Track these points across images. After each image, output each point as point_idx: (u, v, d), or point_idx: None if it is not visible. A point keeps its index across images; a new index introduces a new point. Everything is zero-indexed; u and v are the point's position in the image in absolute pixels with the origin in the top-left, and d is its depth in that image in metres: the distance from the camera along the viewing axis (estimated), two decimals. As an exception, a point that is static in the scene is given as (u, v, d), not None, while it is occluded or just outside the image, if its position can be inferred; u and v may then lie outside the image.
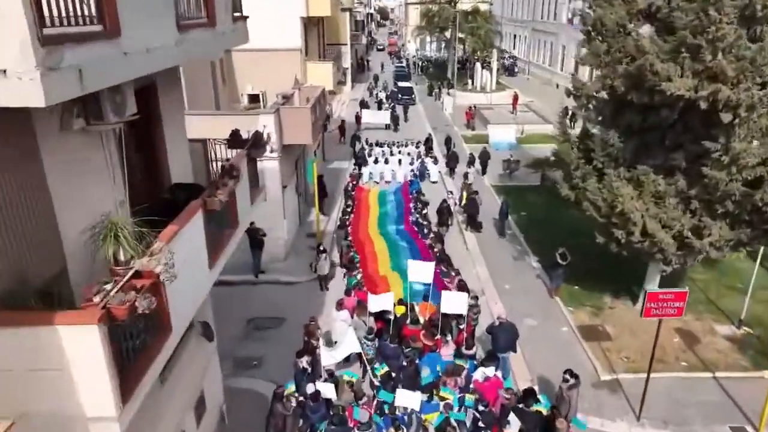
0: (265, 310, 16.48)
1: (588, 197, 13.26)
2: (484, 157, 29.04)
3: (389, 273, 16.95)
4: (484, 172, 29.02)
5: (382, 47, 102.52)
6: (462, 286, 15.20)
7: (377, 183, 27.31)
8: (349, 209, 22.39)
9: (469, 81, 54.29)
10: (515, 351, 13.08)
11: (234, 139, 11.06)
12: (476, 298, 14.16)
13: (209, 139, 11.22)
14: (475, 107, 40.18)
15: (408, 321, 13.46)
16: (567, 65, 54.97)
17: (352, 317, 13.69)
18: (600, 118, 13.20)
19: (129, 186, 7.26)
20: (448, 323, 13.29)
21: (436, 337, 12.71)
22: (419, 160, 28.66)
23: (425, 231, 20.39)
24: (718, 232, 12.24)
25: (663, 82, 10.37)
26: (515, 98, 44.14)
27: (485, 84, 53.09)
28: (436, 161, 29.49)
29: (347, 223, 20.91)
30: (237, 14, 9.40)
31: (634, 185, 12.90)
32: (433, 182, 27.64)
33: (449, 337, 13.01)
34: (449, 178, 28.45)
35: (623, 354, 14.12)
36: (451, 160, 29.08)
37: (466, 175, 26.48)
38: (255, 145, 10.59)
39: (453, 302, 13.22)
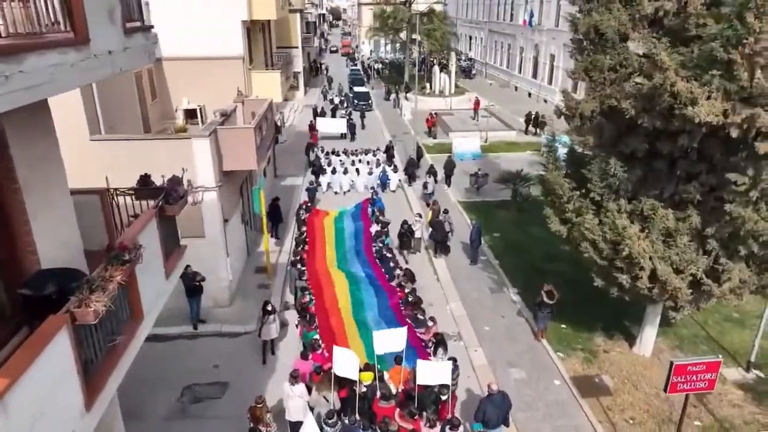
0: (205, 373, 13.78)
1: (585, 236, 11.20)
2: (449, 166, 27.27)
3: (351, 326, 14.54)
4: (448, 183, 27.24)
5: (335, 49, 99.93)
6: (440, 340, 12.95)
7: (336, 193, 26.28)
8: (302, 237, 19.81)
9: (427, 84, 52.36)
10: (507, 425, 10.90)
11: (143, 189, 8.43)
12: (455, 360, 11.84)
13: (110, 190, 8.52)
14: (436, 114, 38.17)
15: (378, 395, 11.05)
16: (525, 68, 53.94)
17: (309, 392, 11.20)
18: (596, 142, 11.14)
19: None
20: (428, 395, 10.97)
21: (415, 417, 10.37)
22: (380, 168, 27.17)
23: (391, 265, 17.99)
24: (738, 277, 10.40)
25: (687, 105, 8.35)
26: (476, 103, 42.46)
27: (443, 88, 51.32)
28: (396, 169, 28.10)
29: (301, 257, 18.35)
30: (134, 24, 6.77)
31: (638, 220, 10.94)
32: (393, 191, 26.60)
33: (431, 413, 10.67)
34: (408, 186, 27.17)
35: (627, 414, 12.16)
36: (409, 166, 27.60)
37: (425, 185, 25.32)
38: (169, 197, 7.96)
39: (433, 373, 10.93)
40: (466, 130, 37.12)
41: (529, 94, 51.43)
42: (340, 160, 28.65)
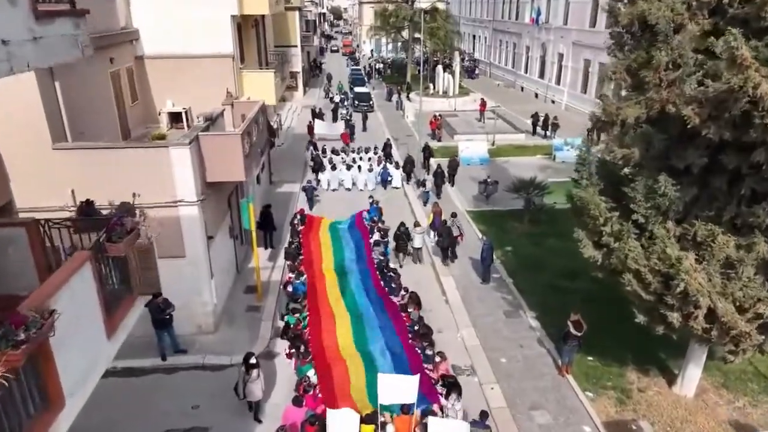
0: (182, 415, 12.02)
1: (628, 265, 9.42)
2: (453, 165, 26.49)
3: (353, 359, 12.76)
4: (452, 182, 26.15)
5: (336, 48, 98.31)
6: (453, 383, 11.18)
7: (335, 190, 26.13)
8: (293, 249, 18.06)
9: (431, 85, 50.56)
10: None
11: (82, 219, 6.70)
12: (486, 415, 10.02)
13: (40, 222, 6.77)
14: (440, 116, 36.36)
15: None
16: (532, 68, 52.14)
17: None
18: (642, 154, 9.33)
19: None
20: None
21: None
22: (380, 166, 26.86)
23: (392, 285, 16.21)
24: (816, 316, 8.63)
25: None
26: (483, 104, 40.65)
27: (447, 88, 49.51)
28: (397, 166, 27.70)
29: (297, 271, 16.62)
30: (53, 7, 4.99)
31: (691, 247, 9.17)
32: (396, 188, 26.42)
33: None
34: (407, 185, 26.87)
35: (674, 472, 10.41)
36: (407, 164, 27.13)
37: (423, 183, 25.06)
38: (111, 233, 6.23)
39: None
40: (471, 133, 35.39)
41: (536, 95, 49.67)
42: (341, 158, 28.03)
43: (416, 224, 19.17)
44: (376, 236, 18.69)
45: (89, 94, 14.57)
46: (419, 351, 13.03)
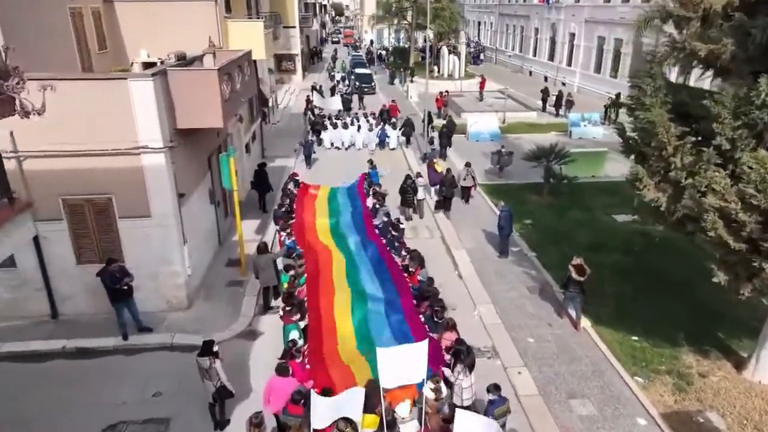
0: (141, 404, 9.78)
1: (710, 204, 7.14)
2: (450, 126, 25.45)
3: (346, 331, 10.59)
4: (449, 144, 24.85)
5: (337, 39, 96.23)
6: (456, 352, 8.86)
7: (338, 148, 26.66)
8: (283, 210, 15.93)
9: (435, 68, 48.24)
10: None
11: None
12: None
13: None
14: (447, 92, 34.07)
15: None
16: (540, 50, 49.78)
17: None
18: (733, 54, 7.03)
19: None
20: None
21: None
22: (379, 127, 27.01)
23: (395, 245, 14.17)
24: None
25: None
26: (482, 82, 38.42)
27: (453, 71, 47.25)
28: (395, 126, 27.85)
29: (288, 229, 14.56)
30: None
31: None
32: (392, 149, 26.63)
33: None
34: (407, 148, 26.71)
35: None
36: (406, 126, 27.00)
37: (431, 140, 24.85)
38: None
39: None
40: (479, 111, 33.07)
41: (545, 78, 47.30)
42: (340, 118, 28.38)
43: (418, 174, 18.59)
44: (371, 201, 16.68)
45: (42, 35, 12.32)
46: (423, 320, 10.89)
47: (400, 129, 27.39)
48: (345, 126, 27.13)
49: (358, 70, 44.70)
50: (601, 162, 21.69)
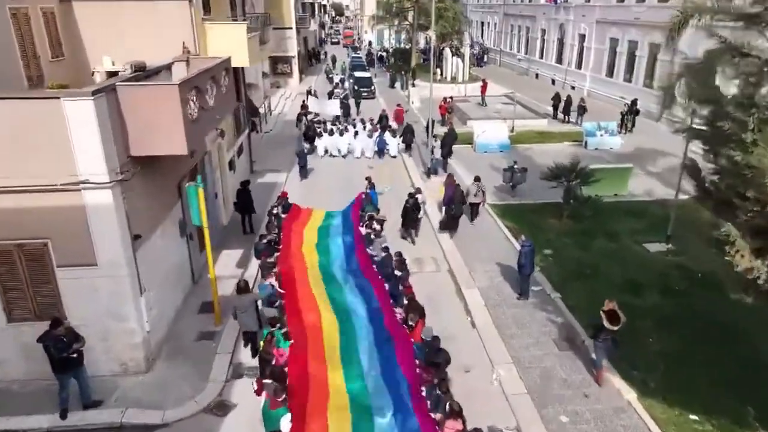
0: None
1: None
2: (449, 137, 23.27)
3: (340, 402, 8.50)
4: (449, 153, 23.03)
5: (337, 40, 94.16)
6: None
7: (333, 156, 25.12)
8: (264, 243, 13.71)
9: (438, 71, 46.08)
10: None
11: None
12: None
13: None
14: (451, 98, 31.89)
15: None
16: (548, 52, 47.55)
17: None
18: None
19: None
20: None
21: None
22: (377, 134, 25.35)
23: (399, 288, 12.00)
24: None
25: None
26: (484, 86, 36.20)
27: (456, 74, 45.06)
28: (394, 134, 26.03)
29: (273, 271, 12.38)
30: None
31: None
32: (393, 157, 25.04)
33: None
34: (407, 157, 25.06)
35: None
36: (407, 133, 25.34)
37: (432, 150, 22.90)
38: None
39: None
40: (486, 119, 30.90)
41: (553, 81, 45.18)
42: (336, 125, 27.02)
43: (418, 190, 16.78)
44: (366, 231, 14.54)
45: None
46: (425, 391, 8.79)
47: (400, 136, 25.68)
48: (341, 133, 25.47)
49: (358, 74, 42.53)
50: (625, 179, 19.55)
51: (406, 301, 11.25)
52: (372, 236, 14.25)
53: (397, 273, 12.44)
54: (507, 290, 13.48)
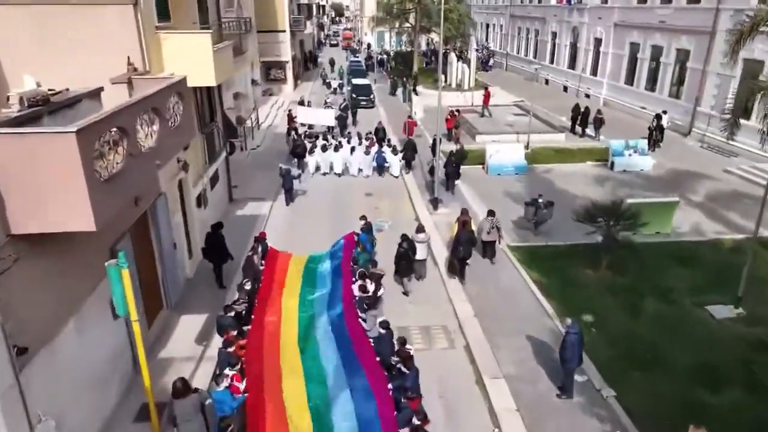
0: None
1: None
2: (461, 154, 21.55)
3: None
4: (457, 176, 20.75)
5: (336, 42, 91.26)
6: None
7: (325, 174, 22.71)
8: (234, 307, 10.60)
9: (442, 77, 42.97)
10: None
11: None
12: None
13: None
14: (458, 111, 28.77)
15: None
16: (559, 57, 44.35)
17: None
18: None
19: None
20: None
21: None
22: (375, 149, 23.02)
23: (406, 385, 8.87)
24: None
25: None
26: (486, 95, 33.11)
27: (461, 80, 41.97)
28: (395, 151, 23.34)
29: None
30: None
31: None
32: (395, 176, 22.59)
33: None
34: (407, 174, 22.74)
35: None
36: (408, 150, 22.88)
37: (431, 171, 20.24)
38: None
39: None
40: (498, 133, 27.82)
41: (565, 88, 42.14)
42: (328, 138, 24.85)
43: (419, 229, 14.12)
44: (357, 289, 11.47)
45: None
46: None
47: (401, 151, 23.17)
48: (336, 148, 23.01)
49: (356, 81, 39.43)
50: (669, 215, 16.43)
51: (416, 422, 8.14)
52: (365, 304, 11.17)
53: (400, 366, 9.34)
54: (543, 381, 10.36)
